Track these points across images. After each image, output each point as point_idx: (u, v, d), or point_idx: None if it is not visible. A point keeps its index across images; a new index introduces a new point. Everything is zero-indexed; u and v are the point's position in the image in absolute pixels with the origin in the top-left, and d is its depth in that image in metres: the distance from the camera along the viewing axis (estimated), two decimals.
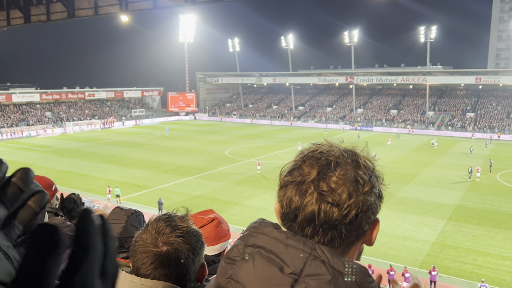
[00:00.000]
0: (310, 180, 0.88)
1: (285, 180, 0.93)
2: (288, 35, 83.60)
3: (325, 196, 0.86)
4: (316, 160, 0.91)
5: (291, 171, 0.94)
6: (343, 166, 0.90)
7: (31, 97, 70.43)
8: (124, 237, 2.36)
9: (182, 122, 79.46)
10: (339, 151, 0.93)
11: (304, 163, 0.92)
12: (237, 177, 34.21)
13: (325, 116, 76.32)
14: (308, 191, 0.88)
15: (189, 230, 1.41)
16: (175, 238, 1.36)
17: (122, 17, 20.50)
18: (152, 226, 1.41)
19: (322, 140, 1.00)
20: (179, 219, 1.44)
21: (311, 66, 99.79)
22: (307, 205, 0.87)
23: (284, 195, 0.91)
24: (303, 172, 0.90)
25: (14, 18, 21.78)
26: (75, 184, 32.14)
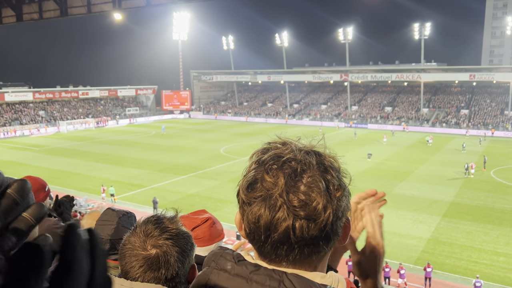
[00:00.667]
0: (278, 194, 0.78)
1: (248, 196, 0.82)
2: (282, 33, 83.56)
3: (298, 211, 0.77)
4: (279, 168, 0.81)
5: (252, 183, 0.82)
6: (309, 172, 0.80)
7: (24, 96, 69.84)
8: (116, 238, 2.33)
9: (176, 121, 79.22)
10: (300, 154, 0.83)
11: (266, 173, 0.81)
12: (232, 175, 34.14)
13: (320, 114, 76.39)
14: (278, 207, 0.78)
15: (178, 232, 1.38)
16: (164, 241, 1.33)
17: (115, 15, 20.32)
18: (140, 228, 1.37)
19: (276, 138, 0.91)
20: (168, 220, 1.42)
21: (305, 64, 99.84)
22: (279, 223, 0.77)
23: (250, 213, 0.81)
24: (267, 185, 0.80)
25: (6, 17, 21.51)
26: (69, 183, 31.94)
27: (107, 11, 19.02)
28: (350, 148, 46.76)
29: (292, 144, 0.88)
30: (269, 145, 0.89)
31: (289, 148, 0.86)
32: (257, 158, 0.87)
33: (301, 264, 0.83)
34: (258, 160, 0.86)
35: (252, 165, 0.86)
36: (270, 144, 0.89)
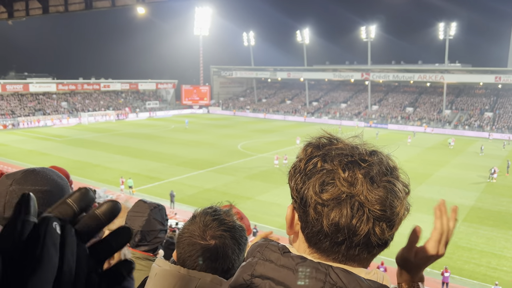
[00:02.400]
0: (358, 195, 0.77)
1: (321, 198, 0.78)
2: (304, 30, 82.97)
3: (378, 213, 0.77)
4: (354, 168, 0.79)
5: (324, 183, 0.79)
6: (382, 174, 0.80)
7: (48, 87, 71.40)
8: (147, 230, 2.39)
9: (195, 115, 79.71)
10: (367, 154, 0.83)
11: (343, 172, 0.79)
12: (249, 171, 34.18)
13: (339, 112, 75.69)
14: (358, 209, 0.77)
15: (234, 225, 1.41)
16: (222, 232, 1.37)
17: (139, 9, 20.51)
18: (200, 218, 1.40)
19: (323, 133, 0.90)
20: (224, 213, 1.44)
21: (326, 62, 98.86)
22: (360, 225, 0.76)
23: (324, 216, 0.78)
24: (345, 187, 0.77)
25: (33, 9, 21.96)
26: (89, 174, 32.52)
27: (131, 5, 19.18)
28: None
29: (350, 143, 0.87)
30: (319, 140, 0.88)
31: (352, 147, 0.84)
32: (318, 153, 0.83)
33: (351, 261, 0.82)
34: (323, 156, 0.82)
35: (315, 162, 0.82)
36: (321, 140, 0.88)
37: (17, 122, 60.28)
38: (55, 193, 1.39)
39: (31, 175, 1.40)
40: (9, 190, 1.37)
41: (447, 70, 71.42)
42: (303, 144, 0.90)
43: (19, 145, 44.93)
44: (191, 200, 27.04)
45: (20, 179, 1.38)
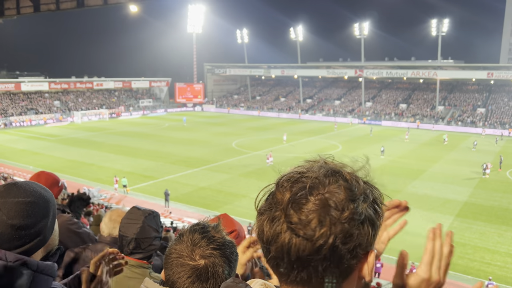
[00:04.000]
0: (281, 208, 0.78)
1: (260, 207, 0.85)
2: (297, 27, 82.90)
3: (295, 228, 0.75)
4: (291, 184, 0.80)
5: (265, 196, 0.85)
6: (320, 190, 0.77)
7: (40, 86, 70.80)
8: (141, 237, 2.39)
9: (189, 113, 79.51)
10: (319, 171, 0.80)
11: (277, 189, 0.82)
12: (244, 169, 34.16)
13: (333, 109, 75.85)
14: (278, 222, 0.78)
15: (224, 242, 1.36)
16: (211, 251, 1.32)
17: (131, 7, 20.37)
18: (187, 237, 1.35)
19: (316, 157, 0.88)
20: (213, 229, 1.39)
21: (320, 59, 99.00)
22: (277, 237, 0.77)
23: (258, 223, 0.83)
24: (275, 199, 0.81)
25: (24, 7, 21.73)
26: (82, 173, 32.33)
27: (123, 3, 19.08)
28: (363, 144, 46.39)
29: (320, 162, 0.85)
30: (307, 162, 0.87)
31: (312, 165, 0.84)
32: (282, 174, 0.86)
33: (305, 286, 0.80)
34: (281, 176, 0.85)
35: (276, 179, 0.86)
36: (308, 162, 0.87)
37: (9, 122, 59.74)
38: (40, 204, 1.38)
39: (13, 187, 1.39)
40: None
41: (440, 66, 71.79)
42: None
43: (11, 144, 44.54)
44: (186, 199, 27.00)
45: (3, 192, 1.37)
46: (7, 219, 1.33)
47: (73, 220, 3.32)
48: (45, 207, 1.41)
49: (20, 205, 1.35)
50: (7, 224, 1.32)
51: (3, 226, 1.32)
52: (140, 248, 2.39)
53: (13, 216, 1.33)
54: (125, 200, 26.68)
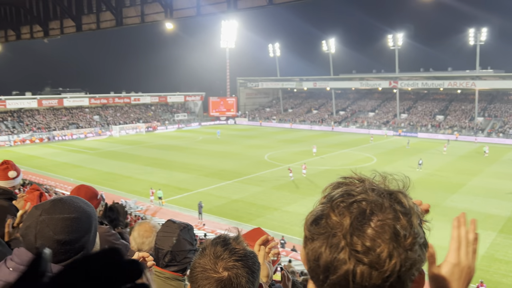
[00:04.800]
0: (342, 234, 0.74)
1: (311, 231, 0.79)
2: (329, 39, 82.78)
3: (361, 257, 0.72)
4: (347, 207, 0.76)
5: (317, 219, 0.79)
6: (379, 215, 0.75)
7: (81, 102, 74.05)
8: (177, 250, 2.43)
9: (222, 127, 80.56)
10: (373, 194, 0.78)
11: (332, 211, 0.77)
12: (276, 182, 34.16)
13: (367, 121, 74.73)
14: (340, 248, 0.73)
15: (245, 253, 1.40)
16: (234, 263, 1.35)
17: (167, 25, 21.08)
18: (209, 250, 1.39)
19: (352, 174, 0.86)
20: (234, 241, 1.43)
21: (353, 70, 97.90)
22: (340, 265, 0.73)
23: (311, 248, 0.78)
24: (332, 223, 0.76)
25: (67, 27, 22.99)
26: (120, 185, 33.35)
27: (159, 21, 19.79)
28: (399, 157, 45.34)
29: (366, 182, 0.82)
30: (344, 179, 0.85)
31: (362, 186, 0.81)
32: (327, 193, 0.83)
33: None
34: (327, 195, 0.82)
35: (321, 200, 0.83)
36: (346, 179, 0.85)
37: (52, 136, 62.70)
38: (83, 220, 1.47)
39: (59, 204, 1.46)
40: (39, 220, 1.43)
41: (479, 76, 69.36)
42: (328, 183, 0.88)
43: (54, 157, 46.65)
44: (219, 211, 27.25)
45: (49, 208, 1.44)
46: (54, 234, 1.40)
47: (111, 231, 3.40)
48: (88, 222, 1.49)
49: (65, 221, 1.43)
50: (53, 240, 1.40)
51: (50, 241, 1.40)
52: (176, 261, 2.43)
53: (59, 232, 1.41)
54: (160, 212, 27.29)
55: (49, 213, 1.43)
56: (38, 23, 23.97)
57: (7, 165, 3.88)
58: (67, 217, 1.43)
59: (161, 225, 2.69)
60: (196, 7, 17.83)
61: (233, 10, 17.01)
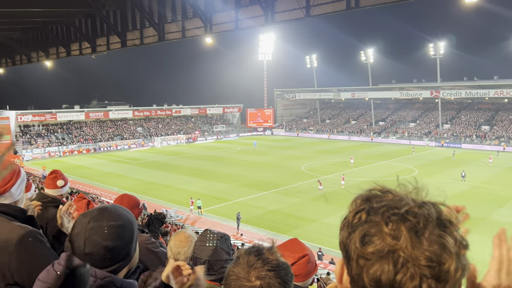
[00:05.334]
0: (401, 250, 0.71)
1: (364, 249, 0.75)
2: (367, 49, 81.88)
3: (425, 271, 0.70)
4: (398, 221, 0.74)
5: (367, 235, 0.76)
6: (431, 227, 0.73)
7: (125, 114, 77.20)
8: (214, 260, 2.48)
9: (259, 137, 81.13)
10: (416, 206, 0.76)
11: (385, 225, 0.74)
12: (314, 193, 33.98)
13: (408, 132, 72.82)
14: (402, 264, 0.71)
15: (278, 263, 1.40)
16: (266, 272, 1.36)
17: (207, 39, 21.80)
18: (243, 259, 1.41)
19: (374, 185, 0.85)
20: (267, 251, 1.44)
21: (392, 80, 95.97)
22: (406, 282, 0.70)
23: (369, 268, 0.74)
24: (388, 240, 0.73)
25: (113, 43, 24.29)
26: (161, 195, 34.37)
27: (199, 35, 20.52)
28: (442, 168, 43.84)
29: (402, 194, 0.80)
30: (370, 192, 0.83)
31: (401, 197, 0.78)
32: (364, 206, 0.81)
33: None
34: (368, 209, 0.79)
35: (360, 214, 0.80)
36: (372, 191, 0.83)
37: (98, 147, 65.65)
38: (127, 227, 1.54)
39: (105, 212, 1.53)
40: (88, 227, 1.49)
41: None
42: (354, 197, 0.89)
43: (99, 167, 48.79)
44: (257, 221, 27.44)
45: (96, 216, 1.51)
46: (102, 241, 1.46)
47: (151, 239, 3.51)
48: (131, 229, 1.56)
49: (112, 228, 1.49)
50: (101, 246, 1.46)
51: (98, 247, 1.46)
52: (213, 270, 2.45)
53: (107, 238, 1.47)
54: (199, 221, 27.86)
55: (97, 221, 1.50)
56: (86, 40, 25.51)
57: (55, 174, 4.24)
58: (114, 225, 1.50)
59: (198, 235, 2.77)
60: (234, 22, 18.39)
61: (271, 23, 17.41)
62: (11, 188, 2.09)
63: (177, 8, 20.29)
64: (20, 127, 63.56)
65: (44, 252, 1.95)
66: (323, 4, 15.35)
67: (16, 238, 1.88)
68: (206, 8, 18.92)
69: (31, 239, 1.92)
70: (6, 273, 1.85)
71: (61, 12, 23.74)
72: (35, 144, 61.12)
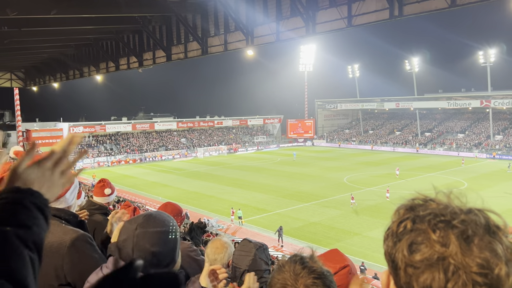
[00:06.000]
0: (451, 257, 0.70)
1: (413, 257, 0.74)
2: (412, 58, 79.63)
3: (477, 278, 0.68)
4: (446, 228, 0.73)
5: (414, 243, 0.75)
6: (480, 233, 0.72)
7: (170, 125, 79.55)
8: (253, 269, 2.47)
9: (300, 148, 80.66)
10: (462, 213, 0.75)
11: (433, 232, 0.73)
12: (356, 205, 33.21)
13: (456, 143, 69.71)
14: (453, 272, 0.69)
15: (323, 271, 1.43)
16: (313, 280, 1.38)
17: (248, 52, 22.14)
18: (289, 267, 1.43)
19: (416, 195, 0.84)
20: (310, 260, 1.47)
21: (439, 90, 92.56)
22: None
23: (414, 279, 0.73)
24: (437, 247, 0.71)
25: (159, 57, 25.26)
26: (203, 204, 34.91)
27: (241, 48, 20.88)
28: (494, 182, 41.52)
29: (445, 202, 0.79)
30: (413, 201, 0.82)
31: (446, 205, 0.77)
32: (408, 215, 0.79)
33: None
34: (414, 217, 0.78)
35: (404, 223, 0.79)
36: (414, 201, 0.82)
37: (144, 157, 67.96)
38: (172, 233, 1.60)
39: (151, 218, 1.58)
40: (135, 233, 1.54)
41: None
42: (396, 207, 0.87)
43: (145, 177, 50.39)
44: (297, 233, 27.17)
45: (143, 223, 1.56)
46: (150, 246, 1.51)
47: (192, 247, 3.53)
48: (175, 235, 1.60)
49: (158, 234, 1.54)
50: (149, 251, 1.50)
51: (146, 253, 1.50)
52: None
53: (154, 244, 1.51)
54: (240, 231, 28.00)
55: (143, 227, 1.54)
56: (134, 55, 26.69)
57: (103, 183, 4.46)
58: (160, 231, 1.55)
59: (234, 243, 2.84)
60: (275, 34, 18.58)
61: (312, 34, 17.42)
62: (66, 193, 2.22)
63: (220, 22, 20.79)
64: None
65: (94, 255, 2.07)
66: (365, 14, 15.20)
67: (69, 240, 2.00)
68: (247, 21, 19.26)
69: (82, 242, 2.04)
70: (59, 273, 1.97)
71: (111, 28, 25.03)
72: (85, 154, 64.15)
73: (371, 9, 14.95)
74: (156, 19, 23.33)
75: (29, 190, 0.91)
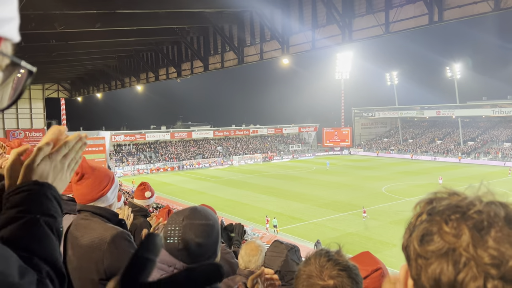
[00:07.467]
0: (463, 248, 0.68)
1: (423, 248, 0.72)
2: (454, 64, 76.99)
3: (490, 270, 0.66)
4: (460, 219, 0.71)
5: (426, 235, 0.73)
6: (498, 224, 0.69)
7: (207, 134, 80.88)
8: (285, 270, 2.49)
9: (336, 157, 79.53)
10: (482, 204, 0.72)
11: (445, 224, 0.71)
12: (395, 216, 32.28)
13: (502, 153, 66.41)
14: (464, 264, 0.67)
15: (348, 264, 1.45)
16: (338, 272, 1.41)
17: (284, 60, 22.21)
18: (315, 260, 1.46)
19: (441, 188, 0.82)
20: (336, 254, 1.49)
21: (483, 97, 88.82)
22: (468, 282, 0.67)
23: (427, 268, 0.71)
24: (447, 237, 0.70)
25: (196, 67, 25.86)
26: (238, 212, 35.09)
27: (277, 57, 21.00)
28: None
29: (466, 194, 0.76)
30: (435, 195, 0.80)
31: (466, 197, 0.75)
32: (427, 208, 0.78)
33: None
34: (430, 210, 0.77)
35: (421, 216, 0.78)
36: (437, 194, 0.80)
37: (181, 165, 69.35)
38: (216, 227, 1.63)
39: (196, 211, 1.63)
40: (183, 225, 1.57)
41: None
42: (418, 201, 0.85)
43: (182, 184, 51.36)
44: (334, 244, 26.66)
45: (189, 215, 1.60)
46: (195, 237, 1.54)
47: (227, 249, 3.63)
48: (218, 229, 1.64)
49: (204, 226, 1.57)
50: (194, 242, 1.54)
51: (191, 244, 1.54)
52: (283, 281, 2.43)
53: (199, 235, 1.54)
54: (274, 240, 27.87)
55: (190, 219, 1.58)
56: (173, 65, 27.48)
57: (144, 186, 4.63)
58: (205, 223, 1.59)
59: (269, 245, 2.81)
60: (311, 42, 18.56)
61: (348, 41, 17.27)
62: (107, 193, 2.34)
63: (256, 32, 21.04)
64: (114, 146, 69.57)
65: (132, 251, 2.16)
66: (403, 20, 14.92)
67: (110, 237, 2.10)
68: (283, 30, 19.37)
69: (121, 239, 2.14)
70: (100, 268, 2.07)
71: (151, 40, 25.94)
72: (126, 162, 66.37)
73: (409, 15, 14.67)
74: (194, 30, 23.93)
75: (47, 184, 0.98)
